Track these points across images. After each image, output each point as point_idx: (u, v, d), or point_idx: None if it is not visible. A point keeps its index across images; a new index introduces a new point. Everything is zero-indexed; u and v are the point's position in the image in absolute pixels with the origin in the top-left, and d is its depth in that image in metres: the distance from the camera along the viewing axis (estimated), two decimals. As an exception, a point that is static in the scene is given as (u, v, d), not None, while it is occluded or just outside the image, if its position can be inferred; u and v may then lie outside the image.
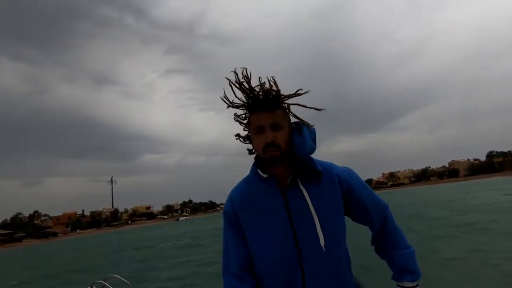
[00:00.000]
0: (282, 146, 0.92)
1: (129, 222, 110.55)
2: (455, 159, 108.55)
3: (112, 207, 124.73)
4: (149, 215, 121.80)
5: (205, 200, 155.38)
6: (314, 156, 1.00)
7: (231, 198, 1.02)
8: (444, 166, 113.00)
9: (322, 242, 0.90)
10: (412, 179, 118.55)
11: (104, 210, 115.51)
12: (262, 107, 0.92)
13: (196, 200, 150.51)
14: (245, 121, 1.02)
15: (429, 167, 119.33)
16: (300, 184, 0.95)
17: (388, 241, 1.02)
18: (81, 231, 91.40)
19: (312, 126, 0.98)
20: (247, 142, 1.06)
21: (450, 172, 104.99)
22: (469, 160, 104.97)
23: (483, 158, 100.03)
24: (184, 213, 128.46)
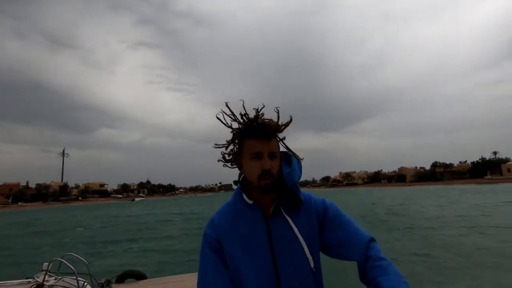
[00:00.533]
0: (275, 175, 0.93)
1: (80, 198, 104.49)
2: (405, 165, 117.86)
3: (62, 181, 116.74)
4: (102, 192, 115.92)
5: (164, 182, 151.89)
6: None
7: (213, 223, 1.00)
8: (394, 171, 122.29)
9: (312, 264, 0.94)
10: (366, 180, 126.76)
11: (52, 184, 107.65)
12: (262, 135, 0.93)
13: (155, 182, 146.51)
14: (234, 146, 1.02)
15: (381, 170, 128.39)
16: (283, 212, 0.97)
17: (376, 272, 0.87)
18: (24, 204, 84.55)
19: (301, 159, 1.01)
20: (234, 166, 1.04)
21: (399, 177, 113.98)
22: (416, 168, 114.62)
23: (428, 167, 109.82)
24: (140, 194, 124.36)
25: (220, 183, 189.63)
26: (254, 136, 0.93)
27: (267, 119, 0.95)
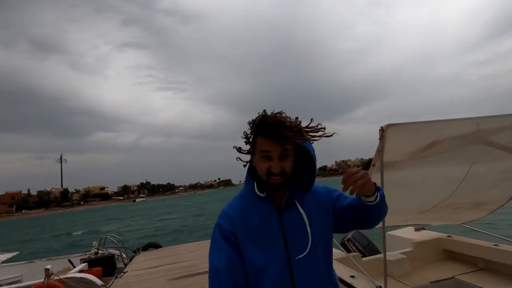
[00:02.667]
0: (289, 172, 0.93)
1: (82, 202, 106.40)
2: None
3: (62, 186, 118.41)
4: (103, 195, 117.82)
5: (163, 182, 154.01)
6: None
7: (227, 215, 0.99)
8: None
9: (307, 259, 0.95)
10: (361, 167, 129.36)
11: (53, 190, 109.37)
12: (272, 136, 0.89)
13: (154, 181, 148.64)
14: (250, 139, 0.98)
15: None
16: (297, 204, 0.99)
17: (354, 205, 1.03)
18: (28, 211, 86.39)
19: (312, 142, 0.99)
20: (247, 161, 1.04)
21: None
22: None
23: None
24: (141, 195, 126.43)
25: (219, 178, 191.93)
26: (266, 136, 0.90)
27: (284, 119, 0.90)
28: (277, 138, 0.89)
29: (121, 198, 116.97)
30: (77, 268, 5.36)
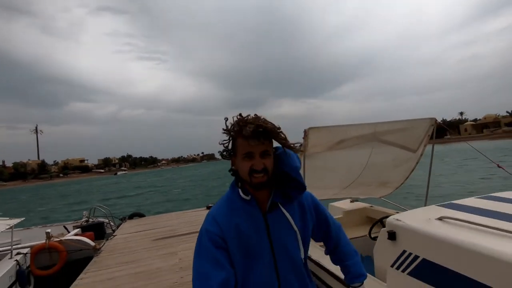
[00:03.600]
0: (270, 172, 0.97)
1: (61, 175, 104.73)
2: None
3: (38, 158, 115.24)
4: (83, 168, 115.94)
5: (145, 155, 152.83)
6: None
7: (215, 220, 1.01)
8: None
9: (302, 255, 1.05)
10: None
11: (30, 162, 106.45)
12: (253, 136, 0.93)
13: (135, 155, 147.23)
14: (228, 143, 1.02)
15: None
16: (280, 207, 1.03)
17: (343, 254, 1.22)
18: (4, 183, 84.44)
19: (298, 151, 1.13)
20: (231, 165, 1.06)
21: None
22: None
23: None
24: (122, 168, 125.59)
25: (202, 153, 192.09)
26: (246, 137, 0.93)
27: (261, 120, 0.96)
28: (257, 135, 0.93)
29: (102, 171, 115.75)
30: (73, 232, 6.26)
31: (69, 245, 5.54)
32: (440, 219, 1.82)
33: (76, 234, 6.09)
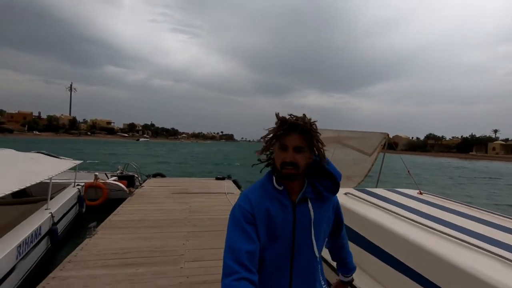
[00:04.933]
0: (301, 166, 1.02)
1: (88, 133, 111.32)
2: (404, 133, 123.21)
3: (70, 115, 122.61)
4: (109, 130, 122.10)
5: (168, 126, 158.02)
6: None
7: (249, 199, 1.07)
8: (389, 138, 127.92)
9: (317, 254, 1.11)
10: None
11: (62, 117, 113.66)
12: (292, 130, 1.01)
13: (158, 124, 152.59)
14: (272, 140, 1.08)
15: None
16: (309, 202, 1.09)
17: (343, 250, 1.39)
18: (39, 133, 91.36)
19: (326, 160, 1.10)
20: (268, 153, 1.13)
21: (390, 144, 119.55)
22: (410, 137, 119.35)
23: (423, 137, 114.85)
24: (145, 135, 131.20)
25: (222, 132, 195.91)
26: (285, 131, 1.01)
27: (304, 119, 1.03)
28: (294, 129, 1.00)
29: (126, 135, 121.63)
30: (112, 178, 8.12)
31: (111, 185, 7.39)
32: (346, 194, 3.21)
33: (114, 181, 7.93)
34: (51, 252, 4.46)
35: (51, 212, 4.55)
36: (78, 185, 6.61)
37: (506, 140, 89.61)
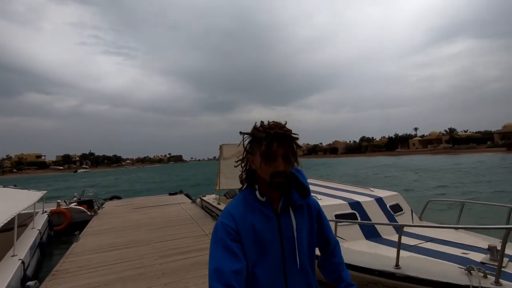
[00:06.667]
0: (289, 175, 1.03)
1: (14, 170, 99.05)
2: (342, 138, 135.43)
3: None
4: (40, 164, 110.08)
5: (109, 154, 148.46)
6: None
7: (231, 215, 1.03)
8: (329, 144, 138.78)
9: (308, 262, 1.09)
10: (305, 152, 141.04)
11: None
12: (279, 140, 0.98)
13: (99, 153, 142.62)
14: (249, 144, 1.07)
15: (321, 143, 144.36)
16: (290, 210, 1.07)
17: (337, 265, 1.23)
18: (-51, 177, 78.51)
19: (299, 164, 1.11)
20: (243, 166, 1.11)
21: (332, 150, 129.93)
22: (347, 141, 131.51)
23: (358, 140, 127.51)
24: (84, 166, 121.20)
25: (169, 154, 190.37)
26: (272, 139, 0.98)
27: (283, 126, 1.02)
28: (284, 139, 0.99)
29: (61, 167, 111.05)
30: (72, 204, 9.00)
31: (73, 209, 8.34)
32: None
33: (75, 206, 8.85)
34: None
35: (20, 259, 3.90)
36: (46, 211, 7.51)
37: (422, 136, 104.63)
